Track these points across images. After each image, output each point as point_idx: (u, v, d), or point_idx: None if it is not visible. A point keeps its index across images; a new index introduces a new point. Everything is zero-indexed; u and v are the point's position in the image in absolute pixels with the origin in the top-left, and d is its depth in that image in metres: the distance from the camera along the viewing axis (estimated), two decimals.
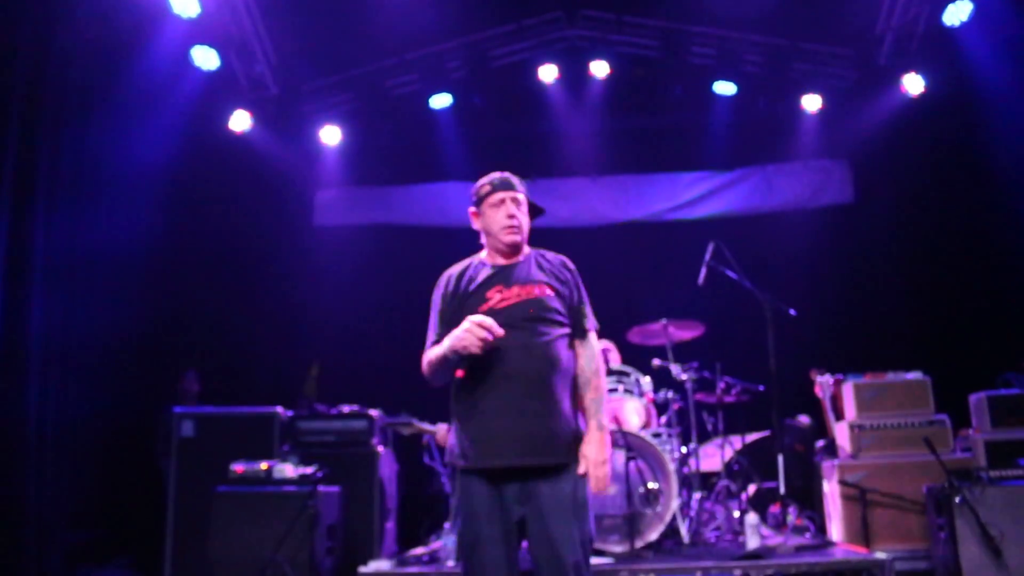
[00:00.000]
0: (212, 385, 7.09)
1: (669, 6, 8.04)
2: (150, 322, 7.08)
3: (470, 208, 3.15)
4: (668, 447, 5.65)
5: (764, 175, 8.69)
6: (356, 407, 6.04)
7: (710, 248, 6.07)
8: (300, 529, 4.81)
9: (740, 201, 8.63)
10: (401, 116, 8.65)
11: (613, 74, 8.24)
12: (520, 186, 3.11)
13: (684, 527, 5.38)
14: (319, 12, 7.46)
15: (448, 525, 5.36)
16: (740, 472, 6.39)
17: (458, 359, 2.87)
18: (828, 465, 5.97)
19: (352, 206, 8.93)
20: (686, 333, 6.51)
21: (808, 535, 5.59)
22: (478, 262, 3.12)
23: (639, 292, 7.76)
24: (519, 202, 3.08)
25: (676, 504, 5.19)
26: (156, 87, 6.93)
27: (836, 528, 5.79)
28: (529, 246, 3.15)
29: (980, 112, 7.34)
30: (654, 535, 5.09)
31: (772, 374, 5.72)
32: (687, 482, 5.85)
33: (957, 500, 4.56)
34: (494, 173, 3.15)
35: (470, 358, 2.84)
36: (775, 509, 6.05)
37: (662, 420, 6.10)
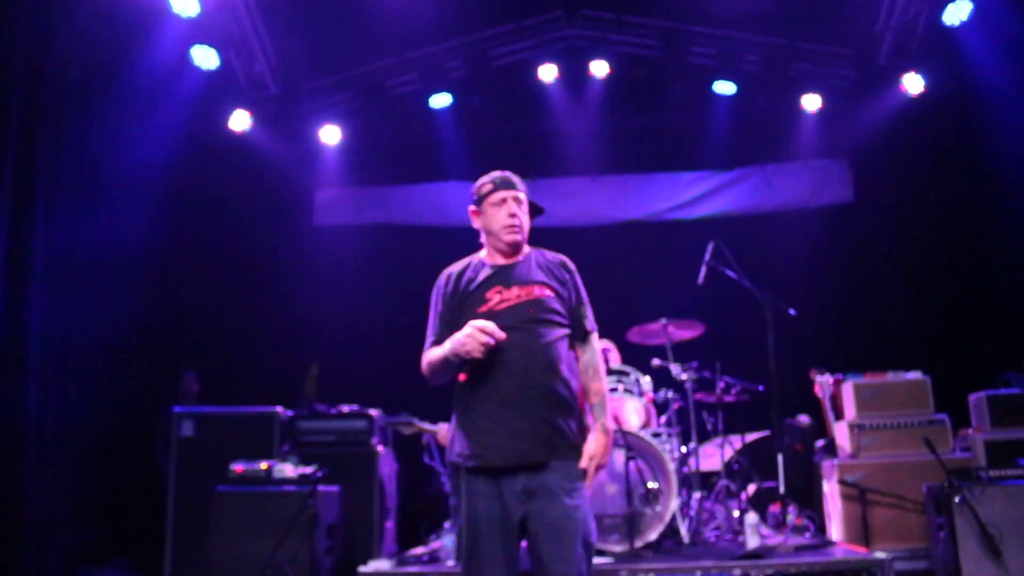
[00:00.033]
0: (212, 385, 7.08)
1: (669, 6, 8.04)
2: (150, 322, 7.08)
3: (470, 207, 3.14)
4: (668, 447, 5.65)
5: (764, 175, 8.69)
6: (356, 407, 6.04)
7: (710, 248, 6.07)
8: (300, 529, 4.81)
9: (740, 201, 8.63)
10: (401, 116, 8.64)
11: (613, 74, 8.24)
12: (521, 185, 3.11)
13: (684, 527, 5.38)
14: (319, 12, 7.45)
15: (448, 524, 5.36)
16: (740, 472, 6.40)
17: (460, 362, 2.87)
18: (828, 465, 5.97)
19: (352, 206, 8.92)
20: (686, 333, 6.51)
21: (808, 535, 5.60)
22: (478, 262, 3.11)
23: (639, 292, 7.76)
24: (520, 201, 3.08)
25: (676, 504, 5.20)
26: (156, 86, 6.93)
27: (836, 528, 5.79)
28: (529, 245, 3.15)
29: (980, 112, 7.34)
30: (654, 535, 5.09)
31: (772, 374, 5.72)
32: (687, 482, 5.85)
33: (957, 500, 4.56)
34: (495, 172, 3.15)
35: (472, 360, 2.84)
36: (775, 509, 6.06)
37: (662, 420, 6.10)
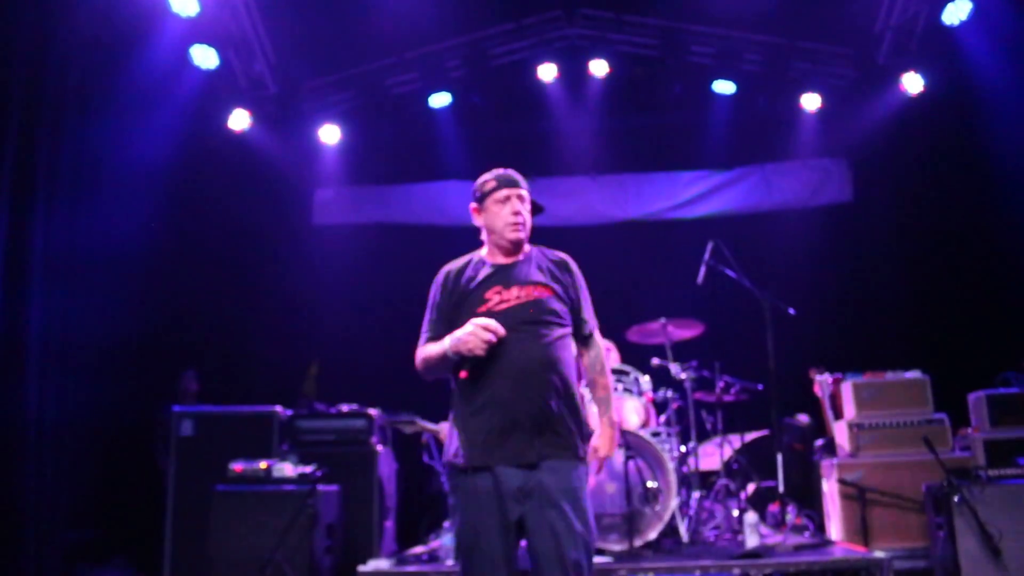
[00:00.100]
0: (211, 384, 7.09)
1: (668, 5, 8.03)
2: (149, 321, 7.07)
3: (472, 204, 3.13)
4: (667, 446, 5.65)
5: (763, 174, 8.69)
6: (355, 406, 6.04)
7: (709, 247, 6.08)
8: (299, 528, 4.81)
9: (739, 200, 8.63)
10: (400, 115, 8.63)
11: (612, 73, 8.24)
12: (524, 183, 3.10)
13: (683, 526, 5.39)
14: (318, 11, 7.45)
15: (447, 524, 5.36)
16: (739, 471, 6.40)
17: (459, 359, 2.87)
18: (827, 464, 5.97)
19: (351, 205, 8.93)
20: (685, 332, 6.52)
21: (807, 534, 5.61)
22: (478, 260, 3.10)
23: (638, 291, 7.77)
24: (524, 199, 3.07)
25: (675, 503, 5.20)
26: (155, 86, 6.92)
27: (835, 527, 5.79)
28: (529, 243, 3.15)
29: (979, 111, 7.33)
30: (653, 534, 5.10)
31: (771, 373, 5.73)
32: (686, 481, 5.86)
33: (956, 499, 4.56)
34: (497, 169, 3.13)
35: (472, 359, 2.84)
36: (774, 508, 6.06)
37: (661, 419, 6.11)
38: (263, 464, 5.19)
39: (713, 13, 7.81)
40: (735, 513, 5.77)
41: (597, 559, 4.69)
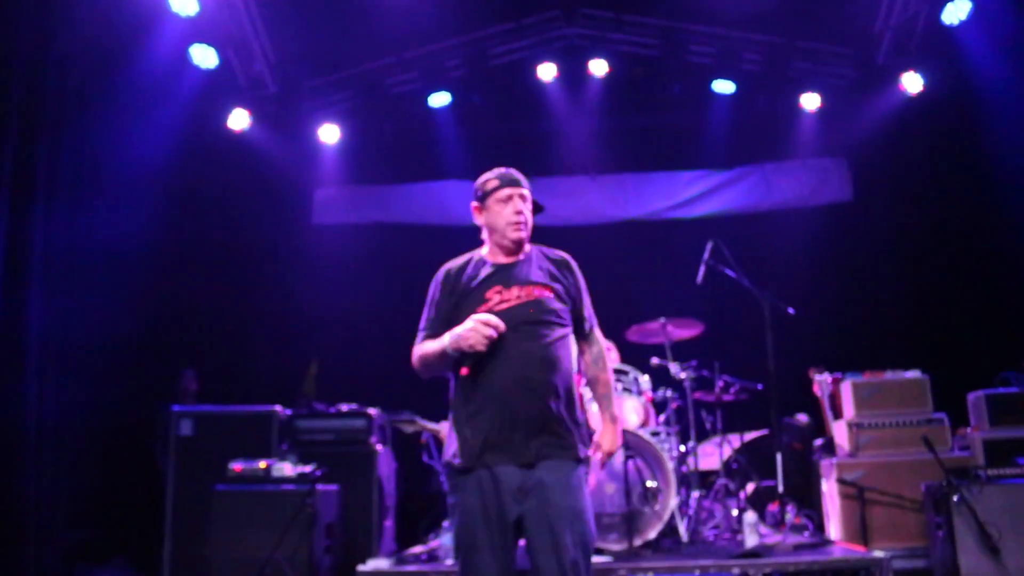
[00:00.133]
0: (210, 384, 7.08)
1: (668, 5, 8.03)
2: (148, 320, 7.08)
3: (473, 203, 3.11)
4: (667, 446, 5.65)
5: (763, 174, 8.69)
6: (355, 406, 6.04)
7: (709, 247, 6.07)
8: (299, 528, 4.81)
9: (739, 200, 8.63)
10: (400, 115, 8.63)
11: (612, 73, 8.23)
12: (525, 183, 3.10)
13: (682, 525, 5.38)
14: (318, 10, 7.45)
15: (447, 523, 5.36)
16: (738, 470, 6.40)
17: (459, 356, 2.87)
18: (826, 464, 5.97)
19: (351, 205, 8.93)
20: (685, 332, 6.51)
21: (806, 533, 5.60)
22: (478, 259, 3.09)
23: (638, 290, 7.76)
24: (525, 199, 3.07)
25: (674, 502, 5.20)
26: (155, 85, 6.93)
27: (834, 526, 5.79)
28: (529, 243, 3.14)
29: (979, 111, 7.34)
30: (653, 533, 5.10)
31: (771, 373, 5.73)
32: (685, 481, 5.85)
33: (955, 499, 4.56)
34: (499, 168, 3.13)
35: (472, 356, 2.84)
36: (773, 507, 6.06)
37: (661, 419, 6.10)
38: (262, 464, 5.19)
39: (713, 13, 7.81)
40: (734, 513, 5.77)
41: (596, 559, 4.69)
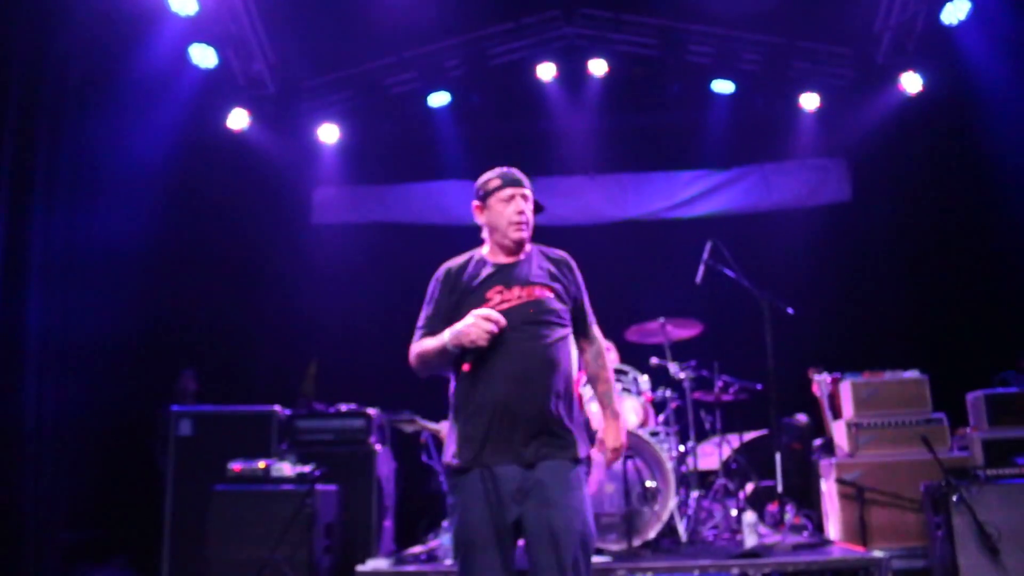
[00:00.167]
0: (210, 384, 7.08)
1: (667, 4, 8.04)
2: (147, 320, 7.07)
3: (474, 202, 3.10)
4: (666, 446, 5.65)
5: (762, 174, 8.69)
6: (354, 406, 6.04)
7: (708, 247, 6.07)
8: (298, 528, 4.81)
9: (738, 200, 8.63)
10: (399, 114, 8.63)
11: (611, 72, 8.24)
12: (527, 183, 3.09)
13: (682, 525, 5.38)
14: (317, 10, 7.45)
15: (446, 523, 5.36)
16: (738, 471, 6.41)
17: (459, 352, 2.86)
18: (826, 464, 5.97)
19: (350, 204, 8.92)
20: (684, 332, 6.51)
21: (805, 533, 5.61)
22: (479, 258, 3.08)
23: (637, 291, 7.76)
24: (527, 199, 3.06)
25: (674, 503, 5.20)
26: (154, 85, 6.93)
27: (833, 526, 5.80)
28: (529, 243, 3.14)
29: (978, 111, 7.34)
30: (652, 533, 5.10)
31: (770, 373, 5.73)
32: (685, 481, 5.85)
33: (954, 499, 4.57)
34: (501, 168, 3.11)
35: (473, 352, 2.83)
36: (773, 507, 6.06)
37: (660, 419, 6.10)
38: (262, 464, 5.19)
39: (712, 13, 7.81)
40: (733, 513, 5.77)
41: (596, 559, 4.69)
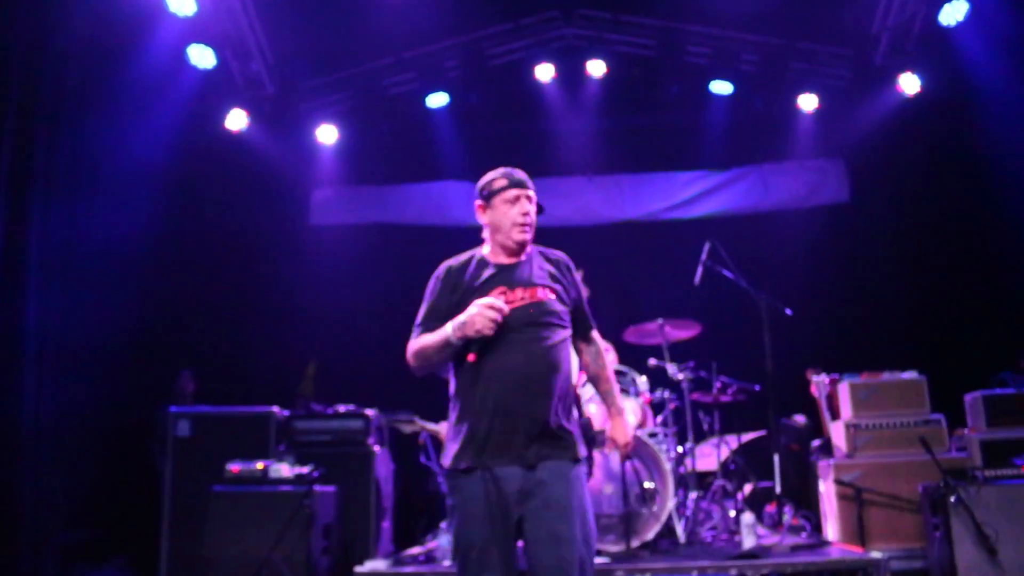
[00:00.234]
0: (208, 384, 7.08)
1: (666, 5, 8.04)
2: (145, 321, 7.07)
3: (477, 201, 3.08)
4: (664, 447, 5.65)
5: (760, 174, 8.70)
6: (352, 407, 6.03)
7: (706, 247, 6.08)
8: (296, 529, 4.80)
9: (736, 200, 8.64)
10: (398, 115, 8.64)
11: (610, 73, 8.25)
12: (531, 184, 3.08)
13: (680, 526, 5.38)
14: (316, 11, 7.45)
15: (444, 524, 5.36)
16: (736, 471, 6.41)
17: (463, 345, 2.85)
18: (824, 464, 5.97)
19: (348, 205, 8.92)
20: (682, 332, 6.51)
21: (804, 534, 5.61)
22: (480, 258, 3.07)
23: (635, 291, 7.77)
24: (532, 200, 3.06)
25: (672, 503, 5.20)
26: (152, 85, 6.92)
27: (832, 527, 5.80)
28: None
29: (976, 112, 7.35)
30: (650, 534, 5.09)
31: (768, 373, 5.73)
32: (683, 482, 5.85)
33: (952, 499, 4.57)
34: (505, 168, 3.10)
35: (478, 343, 2.82)
36: (771, 508, 6.07)
37: (658, 420, 6.10)
38: (260, 465, 5.18)
39: (710, 13, 7.82)
40: (732, 514, 5.77)
41: (595, 560, 4.69)
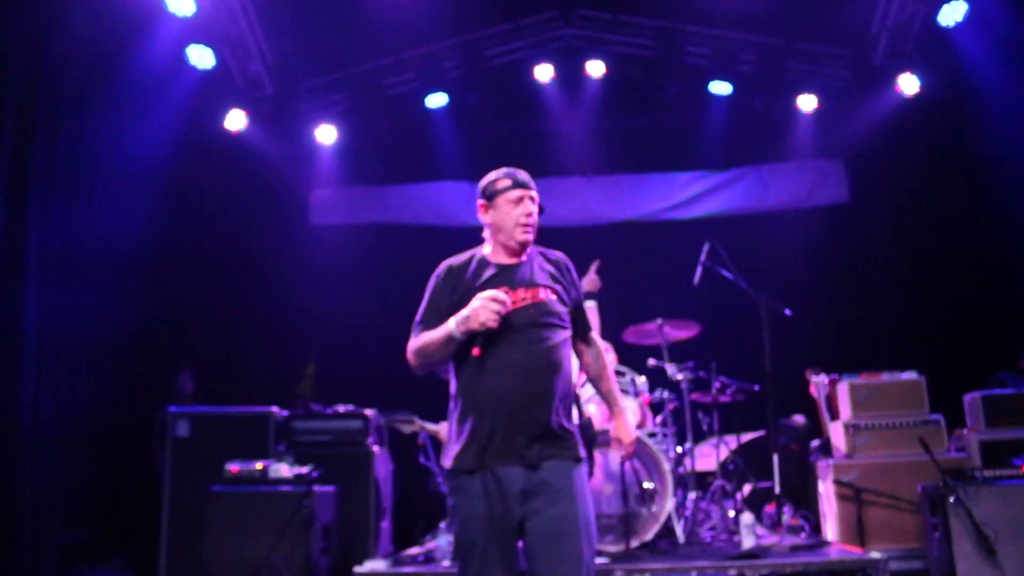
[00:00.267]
0: (207, 384, 7.08)
1: (665, 5, 8.05)
2: (145, 321, 7.06)
3: (480, 200, 3.07)
4: (663, 447, 5.65)
5: (759, 175, 8.70)
6: (352, 407, 6.03)
7: (705, 248, 6.08)
8: (295, 529, 4.79)
9: (736, 201, 8.64)
10: (397, 115, 8.64)
11: (609, 73, 8.25)
12: (534, 184, 3.08)
13: (679, 527, 5.38)
14: (315, 11, 7.45)
15: (444, 525, 5.36)
16: (735, 472, 6.41)
17: (466, 339, 2.84)
18: (823, 465, 5.97)
19: (348, 205, 8.92)
20: (682, 333, 6.52)
21: (803, 535, 5.61)
22: (481, 258, 3.07)
23: (635, 292, 7.77)
24: (535, 200, 3.06)
25: (671, 504, 5.20)
26: (152, 85, 6.92)
27: (831, 528, 5.80)
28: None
29: (975, 112, 7.35)
30: (649, 535, 5.09)
31: (767, 374, 5.73)
32: (682, 482, 5.85)
33: (952, 500, 4.57)
34: (508, 168, 3.09)
35: (482, 336, 2.81)
36: (770, 509, 6.07)
37: (657, 420, 6.10)
38: (259, 465, 5.17)
39: (709, 14, 7.83)
40: (731, 514, 5.77)
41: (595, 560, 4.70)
